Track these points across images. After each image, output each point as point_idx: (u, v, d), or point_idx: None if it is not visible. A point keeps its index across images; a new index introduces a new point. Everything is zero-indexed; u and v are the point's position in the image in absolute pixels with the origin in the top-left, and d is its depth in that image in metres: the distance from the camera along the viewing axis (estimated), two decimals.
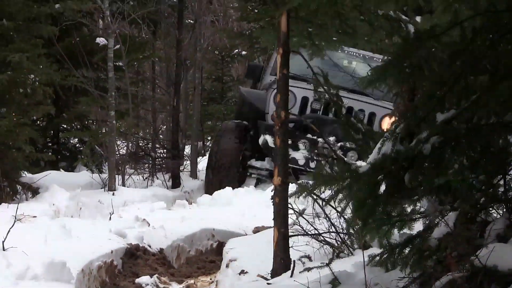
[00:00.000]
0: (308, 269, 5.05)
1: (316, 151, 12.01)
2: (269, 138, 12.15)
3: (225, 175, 13.12)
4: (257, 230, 9.30)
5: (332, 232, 6.26)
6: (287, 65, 5.92)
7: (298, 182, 6.31)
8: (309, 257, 5.96)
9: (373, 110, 12.78)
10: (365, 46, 6.81)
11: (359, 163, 10.46)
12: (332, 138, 11.77)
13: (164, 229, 9.07)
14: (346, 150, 11.70)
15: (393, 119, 12.29)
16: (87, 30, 18.26)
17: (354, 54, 13.28)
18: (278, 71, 5.95)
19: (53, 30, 13.94)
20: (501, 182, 3.98)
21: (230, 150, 13.28)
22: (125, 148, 18.19)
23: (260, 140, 12.56)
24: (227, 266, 7.23)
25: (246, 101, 14.42)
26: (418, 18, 5.46)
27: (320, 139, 11.99)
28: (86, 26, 17.98)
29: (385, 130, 11.73)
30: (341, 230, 6.17)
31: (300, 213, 6.72)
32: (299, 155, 12.27)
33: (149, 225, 9.27)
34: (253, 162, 13.51)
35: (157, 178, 16.47)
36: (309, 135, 12.45)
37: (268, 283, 5.61)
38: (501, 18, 3.51)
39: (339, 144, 11.77)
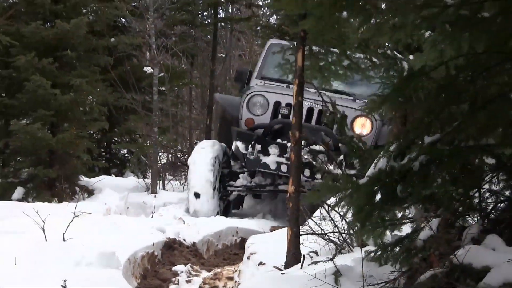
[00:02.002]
0: (315, 263, 5.06)
1: (286, 156, 10.20)
2: (240, 144, 10.43)
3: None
4: (273, 229, 9.30)
5: (336, 232, 6.24)
6: (301, 93, 5.93)
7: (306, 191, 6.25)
8: (316, 253, 5.94)
9: (345, 112, 9.80)
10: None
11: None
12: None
13: (197, 226, 9.10)
14: (315, 153, 10.01)
15: (363, 120, 10.42)
16: (136, 60, 18.42)
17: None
18: (294, 97, 5.95)
19: (109, 60, 14.08)
20: (477, 194, 4.00)
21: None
22: (166, 158, 18.26)
23: (233, 146, 10.57)
24: (248, 258, 7.23)
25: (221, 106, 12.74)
26: (411, 56, 5.48)
27: (289, 144, 9.60)
28: (136, 57, 18.18)
29: (356, 132, 10.29)
30: (343, 231, 6.16)
31: (310, 216, 6.74)
32: (270, 160, 10.31)
33: (184, 222, 9.31)
34: (231, 182, 11.13)
35: None
36: (279, 140, 10.53)
37: (282, 273, 5.61)
38: (480, 59, 3.53)
39: (307, 148, 9.97)
